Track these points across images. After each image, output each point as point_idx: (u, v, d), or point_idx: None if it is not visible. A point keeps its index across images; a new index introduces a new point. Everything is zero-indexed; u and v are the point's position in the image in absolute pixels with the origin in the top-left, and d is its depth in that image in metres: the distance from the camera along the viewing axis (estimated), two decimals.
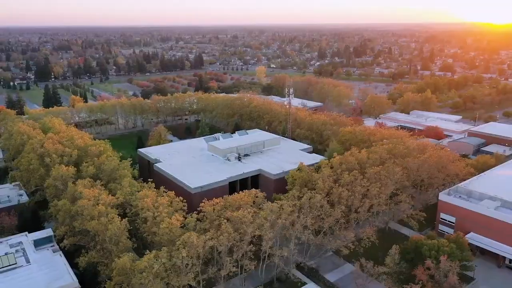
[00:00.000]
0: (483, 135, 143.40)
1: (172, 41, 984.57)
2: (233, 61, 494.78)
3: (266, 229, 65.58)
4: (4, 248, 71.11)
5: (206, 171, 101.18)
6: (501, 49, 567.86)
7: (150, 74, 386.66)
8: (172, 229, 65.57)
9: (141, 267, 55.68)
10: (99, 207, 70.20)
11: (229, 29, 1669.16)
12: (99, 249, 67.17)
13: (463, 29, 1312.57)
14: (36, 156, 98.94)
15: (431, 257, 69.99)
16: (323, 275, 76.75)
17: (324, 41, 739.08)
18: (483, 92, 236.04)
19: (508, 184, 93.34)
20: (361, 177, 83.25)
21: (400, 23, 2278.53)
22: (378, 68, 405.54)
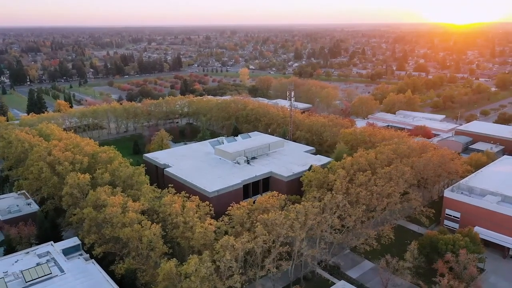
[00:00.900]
0: (470, 133, 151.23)
1: (144, 42, 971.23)
2: (211, 63, 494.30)
3: (297, 230, 68.19)
4: (33, 258, 70.57)
5: (218, 175, 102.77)
6: (468, 49, 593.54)
7: (129, 77, 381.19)
8: (207, 233, 67.20)
9: (189, 271, 57.09)
10: (130, 214, 70.85)
11: (200, 30, 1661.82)
12: (134, 256, 67.87)
13: (428, 30, 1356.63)
14: (46, 164, 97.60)
15: (448, 251, 74.77)
16: (345, 272, 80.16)
17: (298, 42, 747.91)
18: (460, 91, 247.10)
19: (505, 179, 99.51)
20: (374, 177, 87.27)
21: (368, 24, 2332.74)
22: (355, 69, 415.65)
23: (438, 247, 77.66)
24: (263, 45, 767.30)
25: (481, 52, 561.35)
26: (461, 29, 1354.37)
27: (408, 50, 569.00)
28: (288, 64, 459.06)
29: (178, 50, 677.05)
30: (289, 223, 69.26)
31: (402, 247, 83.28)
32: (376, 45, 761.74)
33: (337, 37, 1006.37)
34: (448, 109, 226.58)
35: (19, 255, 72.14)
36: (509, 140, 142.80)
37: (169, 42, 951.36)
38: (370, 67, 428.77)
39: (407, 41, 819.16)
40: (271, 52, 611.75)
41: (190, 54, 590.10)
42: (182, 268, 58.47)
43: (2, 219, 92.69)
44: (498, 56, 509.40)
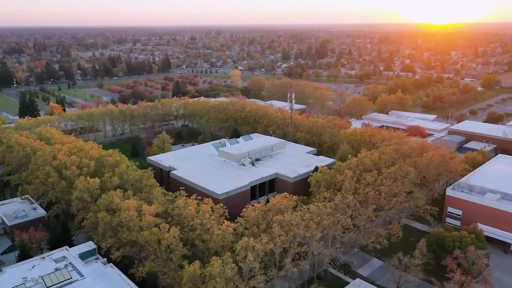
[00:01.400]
0: (463, 133, 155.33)
1: (128, 43, 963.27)
2: (199, 64, 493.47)
3: (313, 230, 69.85)
4: (50, 263, 70.58)
5: (224, 177, 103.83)
6: (451, 49, 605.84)
7: (118, 78, 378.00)
8: (225, 235, 68.31)
9: (214, 273, 58.13)
10: (148, 218, 71.45)
11: (184, 30, 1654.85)
12: (154, 259, 68.51)
13: (410, 30, 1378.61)
14: (52, 168, 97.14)
15: (455, 248, 77.50)
16: (355, 270, 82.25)
17: (284, 43, 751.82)
18: (448, 92, 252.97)
19: (503, 177, 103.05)
20: (381, 177, 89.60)
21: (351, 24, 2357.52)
22: (343, 69, 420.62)
23: (445, 244, 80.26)
24: (250, 45, 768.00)
25: (464, 52, 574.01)
26: (441, 29, 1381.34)
27: (393, 50, 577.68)
28: (277, 65, 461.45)
29: (164, 51, 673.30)
30: (304, 223, 70.91)
31: (407, 245, 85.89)
32: (362, 45, 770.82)
33: (322, 37, 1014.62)
34: (438, 109, 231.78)
35: (35, 261, 72.03)
36: (501, 139, 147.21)
37: (155, 43, 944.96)
38: (358, 67, 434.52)
39: (392, 41, 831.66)
40: (258, 52, 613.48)
41: (177, 55, 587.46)
42: (207, 269, 59.45)
43: (9, 225, 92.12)
44: (481, 56, 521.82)
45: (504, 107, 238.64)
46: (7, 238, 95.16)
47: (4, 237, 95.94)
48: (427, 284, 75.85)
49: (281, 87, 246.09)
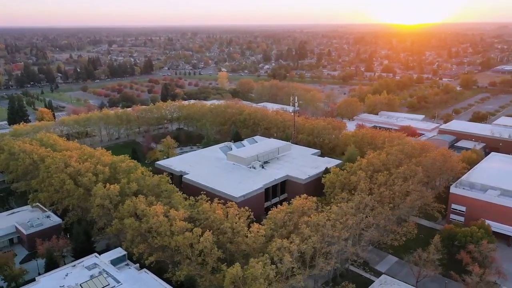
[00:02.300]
0: (453, 132, 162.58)
1: (103, 44, 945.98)
2: (181, 65, 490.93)
3: (341, 230, 73.08)
4: (83, 271, 71.13)
5: (237, 180, 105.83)
6: (426, 50, 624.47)
7: (100, 81, 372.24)
8: (258, 237, 70.64)
9: (257, 274, 60.38)
10: (179, 223, 72.93)
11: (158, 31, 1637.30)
12: (189, 263, 70.08)
13: (382, 30, 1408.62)
14: (67, 176, 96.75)
15: (467, 242, 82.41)
16: (374, 266, 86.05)
17: (263, 44, 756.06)
18: (431, 92, 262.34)
19: (500, 174, 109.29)
20: (392, 177, 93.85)
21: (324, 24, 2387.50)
22: (325, 70, 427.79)
23: (457, 239, 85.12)
24: (228, 46, 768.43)
25: (438, 53, 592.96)
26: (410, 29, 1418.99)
27: (371, 51, 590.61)
28: (259, 66, 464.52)
29: (143, 52, 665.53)
30: (330, 223, 74.02)
31: (417, 241, 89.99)
32: (338, 46, 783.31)
33: (299, 38, 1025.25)
34: (422, 109, 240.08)
35: (66, 269, 72.48)
36: (489, 137, 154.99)
37: (131, 44, 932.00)
38: (339, 68, 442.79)
39: (367, 42, 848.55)
40: (239, 54, 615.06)
41: (157, 56, 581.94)
42: (248, 271, 61.63)
43: (26, 233, 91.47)
44: (454, 56, 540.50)
45: (484, 106, 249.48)
46: (22, 247, 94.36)
47: (18, 246, 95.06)
48: (443, 278, 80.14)
49: (271, 88, 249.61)
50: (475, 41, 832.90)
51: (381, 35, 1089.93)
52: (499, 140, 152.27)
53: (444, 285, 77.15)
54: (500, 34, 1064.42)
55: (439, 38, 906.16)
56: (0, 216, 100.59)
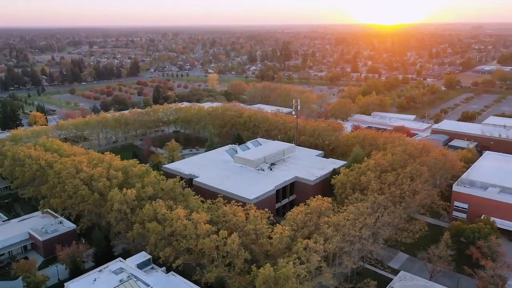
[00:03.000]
0: (446, 132, 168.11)
1: (84, 45, 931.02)
2: (167, 67, 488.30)
3: (360, 229, 75.97)
4: (110, 275, 71.88)
5: (247, 182, 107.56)
6: (406, 50, 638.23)
7: (87, 83, 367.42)
8: (283, 238, 72.82)
9: (289, 274, 62.52)
10: (203, 226, 74.48)
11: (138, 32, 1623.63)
12: (217, 265, 71.72)
13: (361, 31, 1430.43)
14: (81, 181, 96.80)
15: (475, 238, 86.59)
16: (387, 263, 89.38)
17: (247, 45, 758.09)
18: (419, 92, 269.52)
19: (498, 172, 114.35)
20: (400, 176, 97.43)
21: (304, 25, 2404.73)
22: (312, 71, 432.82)
23: (465, 235, 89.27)
24: (212, 47, 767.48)
25: (419, 53, 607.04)
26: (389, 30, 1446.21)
27: (355, 52, 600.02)
28: (245, 67, 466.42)
29: (126, 53, 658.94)
30: (349, 223, 76.81)
31: (425, 238, 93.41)
32: (321, 46, 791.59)
33: (281, 39, 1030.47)
34: (411, 109, 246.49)
35: (94, 274, 73.09)
36: (480, 136, 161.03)
37: (112, 45, 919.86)
38: (325, 69, 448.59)
39: (349, 42, 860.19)
40: (224, 55, 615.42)
41: (141, 58, 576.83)
42: (280, 271, 63.74)
43: (42, 240, 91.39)
44: (435, 57, 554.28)
45: (469, 106, 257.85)
46: (37, 253, 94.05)
47: (32, 252, 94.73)
48: (454, 273, 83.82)
49: (263, 90, 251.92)
50: (453, 41, 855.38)
51: (361, 35, 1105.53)
52: (490, 139, 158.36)
53: (456, 280, 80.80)
54: (476, 35, 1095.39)
55: (417, 39, 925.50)
56: (11, 223, 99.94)
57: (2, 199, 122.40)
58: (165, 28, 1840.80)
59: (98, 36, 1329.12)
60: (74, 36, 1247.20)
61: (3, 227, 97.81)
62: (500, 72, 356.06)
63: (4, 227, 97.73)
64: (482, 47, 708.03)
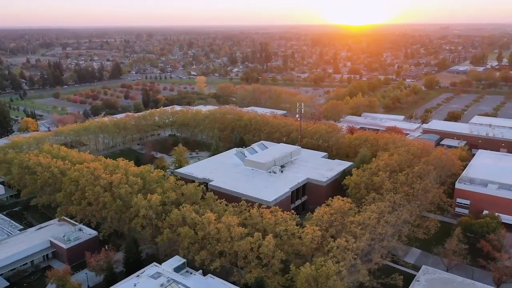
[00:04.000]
0: (437, 131, 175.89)
1: (56, 47, 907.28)
2: (149, 69, 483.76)
3: (385, 227, 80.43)
4: (149, 280, 73.24)
5: (262, 185, 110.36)
6: (382, 51, 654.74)
7: (69, 87, 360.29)
8: (314, 238, 76.34)
9: (331, 272, 66.04)
10: (237, 229, 77.16)
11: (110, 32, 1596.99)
12: (254, 266, 74.51)
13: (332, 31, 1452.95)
14: (102, 188, 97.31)
15: (483, 232, 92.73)
16: (403, 259, 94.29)
17: (226, 46, 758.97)
18: (403, 93, 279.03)
19: (494, 169, 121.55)
20: (410, 176, 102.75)
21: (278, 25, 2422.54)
22: (294, 73, 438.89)
23: (474, 230, 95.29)
24: (190, 49, 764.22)
25: (394, 54, 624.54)
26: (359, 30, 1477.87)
27: (333, 53, 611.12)
28: (228, 69, 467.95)
29: (103, 55, 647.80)
30: (374, 222, 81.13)
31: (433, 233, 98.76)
32: (298, 47, 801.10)
33: (257, 40, 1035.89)
34: (397, 109, 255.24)
35: (132, 279, 74.30)
36: (469, 136, 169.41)
37: (86, 46, 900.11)
38: (307, 70, 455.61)
39: (325, 43, 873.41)
40: (204, 56, 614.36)
41: (120, 60, 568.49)
42: (321, 270, 67.19)
43: (66, 248, 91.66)
44: (410, 57, 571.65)
45: (450, 106, 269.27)
46: (59, 261, 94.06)
47: (54, 261, 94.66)
48: (467, 266, 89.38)
49: (254, 92, 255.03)
50: (424, 42, 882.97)
51: (335, 36, 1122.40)
52: (478, 137, 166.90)
53: (471, 272, 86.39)
54: (444, 35, 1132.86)
55: (390, 40, 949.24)
56: (29, 232, 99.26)
57: (11, 208, 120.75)
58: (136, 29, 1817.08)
59: (69, 37, 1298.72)
60: (44, 37, 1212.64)
61: (22, 236, 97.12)
62: (475, 72, 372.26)
63: (23, 236, 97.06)
64: (452, 47, 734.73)
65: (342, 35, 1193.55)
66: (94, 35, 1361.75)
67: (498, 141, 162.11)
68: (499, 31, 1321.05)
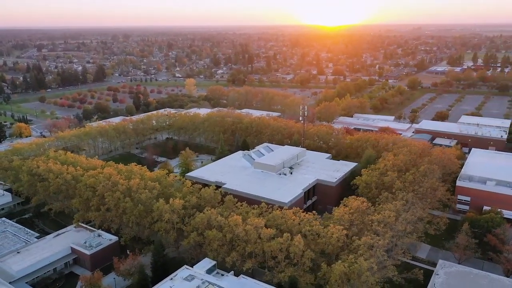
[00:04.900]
0: (429, 131, 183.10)
1: (31, 48, 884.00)
2: (132, 71, 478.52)
3: (404, 224, 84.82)
4: (184, 283, 75.22)
5: (275, 187, 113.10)
6: (361, 52, 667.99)
7: (52, 90, 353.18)
8: (340, 237, 79.92)
9: (363, 269, 69.69)
10: (266, 230, 80.00)
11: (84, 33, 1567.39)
12: (285, 265, 77.50)
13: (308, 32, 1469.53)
14: (122, 194, 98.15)
15: (489, 227, 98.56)
16: (414, 254, 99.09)
17: (207, 48, 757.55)
18: (389, 93, 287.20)
19: (490, 167, 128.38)
20: (418, 175, 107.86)
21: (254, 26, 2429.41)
22: (279, 74, 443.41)
23: (480, 225, 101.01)
24: (170, 50, 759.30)
25: (373, 54, 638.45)
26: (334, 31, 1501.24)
27: (314, 54, 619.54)
28: (212, 71, 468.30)
29: (81, 57, 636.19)
30: (393, 220, 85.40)
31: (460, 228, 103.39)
32: (278, 48, 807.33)
33: (236, 41, 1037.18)
34: (384, 109, 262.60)
35: (167, 282, 76.05)
36: (459, 135, 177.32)
37: (62, 48, 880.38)
38: (290, 71, 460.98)
39: (304, 44, 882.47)
40: (186, 58, 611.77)
41: (100, 62, 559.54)
42: (353, 266, 70.80)
43: (89, 254, 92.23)
44: (389, 58, 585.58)
45: (434, 105, 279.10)
46: (81, 267, 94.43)
47: (76, 267, 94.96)
48: (476, 259, 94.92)
49: (246, 95, 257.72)
50: (400, 43, 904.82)
51: (311, 37, 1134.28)
52: (468, 136, 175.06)
53: (481, 265, 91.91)
54: (418, 36, 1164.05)
55: (367, 40, 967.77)
56: (48, 239, 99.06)
57: (20, 215, 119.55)
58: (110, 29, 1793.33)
59: (42, 38, 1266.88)
60: (16, 38, 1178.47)
61: (41, 243, 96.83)
62: (453, 73, 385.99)
63: (43, 243, 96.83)
64: (428, 48, 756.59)
65: (318, 35, 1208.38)
66: (68, 36, 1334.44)
67: (487, 139, 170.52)
68: (469, 31, 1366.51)
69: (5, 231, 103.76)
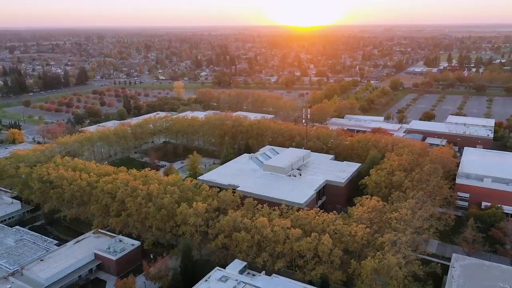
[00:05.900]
0: (420, 131, 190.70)
1: (1, 50, 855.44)
2: (114, 74, 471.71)
3: (421, 222, 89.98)
4: (219, 284, 77.76)
5: (288, 188, 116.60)
6: (339, 53, 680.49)
7: (34, 94, 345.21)
8: (364, 235, 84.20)
9: (393, 264, 74.10)
10: (293, 231, 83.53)
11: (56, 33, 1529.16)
12: (316, 262, 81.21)
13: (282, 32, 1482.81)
14: (143, 200, 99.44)
15: (492, 222, 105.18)
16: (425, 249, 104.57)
17: (186, 49, 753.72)
18: (375, 94, 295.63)
19: (485, 165, 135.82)
20: (422, 174, 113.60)
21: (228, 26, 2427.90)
22: (262, 76, 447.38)
23: (483, 220, 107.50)
24: (148, 52, 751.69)
25: (352, 55, 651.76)
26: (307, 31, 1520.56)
27: (294, 55, 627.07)
28: (196, 73, 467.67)
29: (58, 59, 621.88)
30: (410, 217, 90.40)
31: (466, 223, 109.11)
32: (256, 49, 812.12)
33: (214, 42, 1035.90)
34: (372, 110, 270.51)
35: (202, 284, 78.35)
36: (449, 134, 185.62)
37: (35, 49, 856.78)
38: (274, 73, 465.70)
39: (282, 46, 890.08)
40: (167, 60, 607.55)
41: (79, 64, 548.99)
42: (383, 262, 75.10)
43: (115, 259, 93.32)
44: (368, 59, 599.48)
45: (418, 106, 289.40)
46: (105, 273, 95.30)
47: (100, 273, 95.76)
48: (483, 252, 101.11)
49: (238, 97, 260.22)
50: (375, 44, 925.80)
51: (287, 38, 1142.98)
52: (457, 136, 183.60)
53: (488, 257, 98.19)
54: (391, 37, 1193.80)
55: (343, 41, 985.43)
56: (69, 246, 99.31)
57: (31, 223, 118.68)
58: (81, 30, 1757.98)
59: (12, 39, 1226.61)
60: None
61: (63, 250, 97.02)
62: (431, 74, 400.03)
63: (65, 250, 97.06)
64: (402, 49, 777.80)
65: (294, 36, 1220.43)
66: (38, 37, 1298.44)
67: (475, 138, 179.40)
68: (439, 32, 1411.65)
69: (22, 239, 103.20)
